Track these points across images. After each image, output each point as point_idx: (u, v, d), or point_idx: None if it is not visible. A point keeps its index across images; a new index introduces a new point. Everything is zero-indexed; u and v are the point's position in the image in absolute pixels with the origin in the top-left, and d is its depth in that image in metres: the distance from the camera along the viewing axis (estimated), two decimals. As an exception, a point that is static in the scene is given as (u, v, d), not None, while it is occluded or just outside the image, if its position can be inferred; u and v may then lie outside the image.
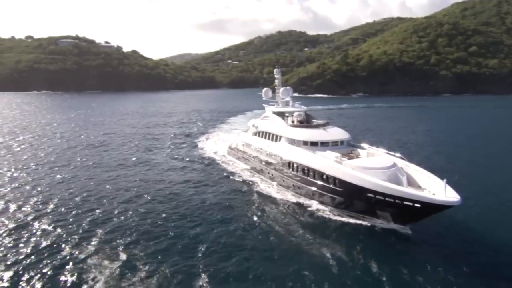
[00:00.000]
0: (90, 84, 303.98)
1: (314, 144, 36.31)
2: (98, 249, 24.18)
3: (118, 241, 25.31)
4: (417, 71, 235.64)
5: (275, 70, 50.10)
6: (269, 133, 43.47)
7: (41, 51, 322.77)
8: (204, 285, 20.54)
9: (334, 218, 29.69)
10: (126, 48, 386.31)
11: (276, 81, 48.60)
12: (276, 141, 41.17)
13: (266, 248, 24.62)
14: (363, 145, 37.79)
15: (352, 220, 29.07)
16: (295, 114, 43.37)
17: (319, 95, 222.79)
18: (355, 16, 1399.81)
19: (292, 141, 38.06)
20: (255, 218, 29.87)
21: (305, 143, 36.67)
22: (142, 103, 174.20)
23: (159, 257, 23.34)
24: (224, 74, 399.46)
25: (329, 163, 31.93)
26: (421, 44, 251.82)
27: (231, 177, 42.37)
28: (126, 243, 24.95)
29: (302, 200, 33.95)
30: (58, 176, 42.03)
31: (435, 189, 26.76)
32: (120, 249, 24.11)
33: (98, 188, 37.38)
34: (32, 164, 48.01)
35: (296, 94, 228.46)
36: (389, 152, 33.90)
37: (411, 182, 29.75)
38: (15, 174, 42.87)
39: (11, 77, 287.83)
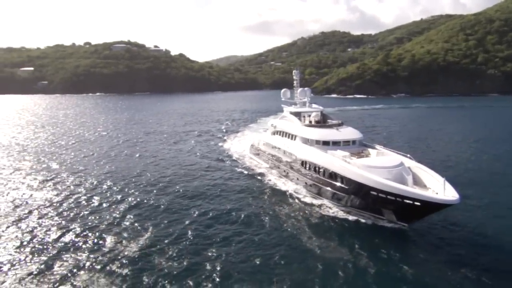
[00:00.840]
0: (140, 86, 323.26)
1: (326, 143, 37.10)
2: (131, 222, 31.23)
3: (145, 214, 32.14)
4: (463, 71, 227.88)
5: (294, 71, 51.81)
6: (286, 133, 44.76)
7: (97, 56, 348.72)
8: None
9: (343, 216, 30.83)
10: (174, 52, 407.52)
11: (294, 82, 50.22)
12: (292, 140, 42.37)
13: (272, 244, 26.11)
14: (375, 145, 38.75)
15: (358, 218, 30.24)
16: (312, 114, 44.57)
17: (358, 96, 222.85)
18: (404, 14, 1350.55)
19: (306, 140, 39.13)
20: (264, 214, 31.69)
21: (317, 142, 37.58)
22: (185, 104, 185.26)
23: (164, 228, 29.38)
24: (266, 75, 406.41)
25: (337, 161, 32.94)
26: (468, 42, 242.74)
27: (248, 173, 45.40)
28: (154, 217, 31.36)
29: (314, 197, 35.28)
30: (105, 161, 50.65)
31: (439, 188, 27.12)
32: (148, 224, 30.31)
33: (134, 171, 45.26)
34: (91, 151, 57.42)
35: (335, 95, 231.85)
36: (399, 152, 34.81)
37: (417, 182, 30.25)
38: (69, 161, 52.14)
39: (71, 81, 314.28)
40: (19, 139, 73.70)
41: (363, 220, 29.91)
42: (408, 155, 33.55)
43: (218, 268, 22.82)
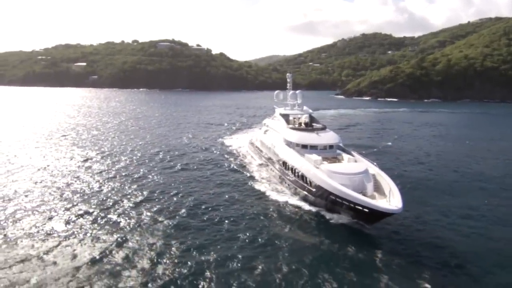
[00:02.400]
0: (180, 83, 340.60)
1: (304, 146, 38.69)
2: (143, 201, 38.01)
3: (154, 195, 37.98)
4: (501, 76, 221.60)
5: (287, 75, 55.03)
6: (274, 133, 47.01)
7: (143, 53, 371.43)
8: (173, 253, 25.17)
9: (311, 215, 32.53)
10: (216, 50, 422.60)
11: (288, 85, 52.47)
12: (278, 140, 43.86)
13: (245, 236, 28.04)
14: (351, 151, 40.27)
15: (326, 217, 31.81)
16: (302, 117, 46.81)
17: (389, 99, 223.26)
18: (456, 16, 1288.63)
19: (288, 142, 40.69)
20: (243, 208, 33.73)
21: (297, 145, 39.23)
22: (219, 100, 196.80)
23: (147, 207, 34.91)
24: (303, 76, 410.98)
25: (308, 165, 34.44)
26: (510, 48, 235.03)
27: (240, 168, 48.01)
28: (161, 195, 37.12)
29: (290, 195, 36.74)
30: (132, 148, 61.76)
31: (392, 196, 28.65)
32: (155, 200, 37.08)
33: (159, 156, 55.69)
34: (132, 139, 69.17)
35: (366, 98, 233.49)
36: (369, 160, 36.52)
37: (379, 189, 31.44)
38: (109, 148, 63.79)
39: (118, 76, 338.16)
40: (89, 127, 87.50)
41: (331, 220, 31.16)
42: (375, 163, 35.27)
43: (176, 248, 26.00)
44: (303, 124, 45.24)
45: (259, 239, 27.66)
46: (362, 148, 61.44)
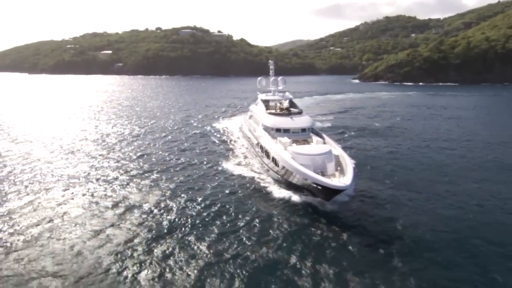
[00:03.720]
0: (201, 69, 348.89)
1: (278, 130, 40.61)
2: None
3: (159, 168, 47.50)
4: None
5: (269, 61, 55.95)
6: (255, 118, 48.75)
7: (165, 40, 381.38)
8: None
9: (279, 194, 33.77)
10: (238, 36, 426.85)
11: (270, 71, 53.83)
12: (258, 125, 45.71)
13: (210, 216, 29.57)
14: (323, 134, 42.02)
15: (294, 197, 33.00)
16: (285, 102, 48.77)
17: (405, 83, 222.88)
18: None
19: (265, 127, 42.42)
20: (219, 187, 35.70)
21: (272, 128, 41.15)
22: (238, 85, 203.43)
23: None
24: (323, 60, 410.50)
25: (277, 147, 36.20)
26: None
27: (227, 152, 50.26)
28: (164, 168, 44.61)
29: (265, 176, 38.49)
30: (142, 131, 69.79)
31: (346, 175, 30.58)
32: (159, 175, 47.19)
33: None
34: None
35: (382, 82, 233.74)
36: (335, 142, 38.88)
37: (341, 169, 32.84)
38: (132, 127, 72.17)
39: (141, 63, 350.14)
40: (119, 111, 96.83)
41: (295, 199, 32.68)
42: (339, 145, 37.72)
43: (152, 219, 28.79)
44: (283, 109, 46.96)
45: (224, 217, 29.29)
46: (354, 130, 65.62)
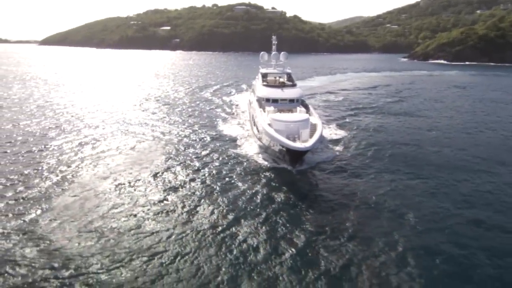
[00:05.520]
0: (252, 46, 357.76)
1: (268, 100, 42.07)
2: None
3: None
4: None
5: (272, 37, 58.68)
6: (254, 90, 50.59)
7: (220, 17, 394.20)
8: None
9: (262, 162, 34.92)
10: (295, 13, 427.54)
11: (273, 46, 55.77)
12: (254, 96, 46.84)
13: (201, 179, 30.54)
14: (309, 106, 43.75)
15: (273, 164, 34.13)
16: (284, 76, 50.80)
17: (456, 63, 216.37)
18: None
19: (258, 98, 43.84)
20: (210, 156, 36.52)
21: (263, 99, 42.69)
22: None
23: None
24: (377, 38, 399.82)
25: (260, 116, 37.49)
26: None
27: (231, 124, 51.00)
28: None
29: (255, 145, 39.36)
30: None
31: (311, 140, 31.98)
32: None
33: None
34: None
35: (431, 61, 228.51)
36: (318, 115, 40.45)
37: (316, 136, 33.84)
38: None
39: (196, 39, 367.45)
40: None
41: (270, 164, 34.13)
42: (320, 117, 39.38)
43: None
44: (280, 83, 48.47)
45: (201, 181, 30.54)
46: (364, 108, 65.68)
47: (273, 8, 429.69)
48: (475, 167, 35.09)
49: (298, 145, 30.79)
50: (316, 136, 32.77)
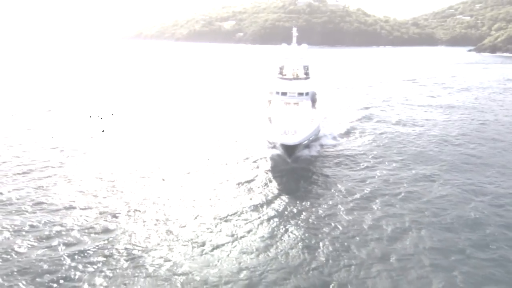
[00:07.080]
0: (313, 40, 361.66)
1: (278, 93, 43.86)
2: None
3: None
4: None
5: (293, 28, 58.39)
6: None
7: (283, 11, 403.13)
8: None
9: (266, 151, 36.30)
10: (364, 5, 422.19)
11: (293, 38, 55.82)
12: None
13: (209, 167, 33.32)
14: (317, 100, 45.37)
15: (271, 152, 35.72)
16: (300, 68, 50.61)
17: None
18: None
19: (272, 90, 45.89)
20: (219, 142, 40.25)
21: (274, 92, 44.59)
22: (338, 55, 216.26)
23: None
24: (445, 30, 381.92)
25: (265, 108, 40.97)
26: None
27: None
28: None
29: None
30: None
31: (301, 135, 33.03)
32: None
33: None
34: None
35: (499, 54, 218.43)
36: (319, 109, 42.22)
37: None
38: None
39: (259, 33, 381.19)
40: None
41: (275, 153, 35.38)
42: (320, 111, 41.90)
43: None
44: (290, 75, 48.93)
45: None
46: (392, 102, 67.48)
47: (336, 0, 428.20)
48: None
49: (287, 139, 32.17)
50: (307, 132, 33.82)
